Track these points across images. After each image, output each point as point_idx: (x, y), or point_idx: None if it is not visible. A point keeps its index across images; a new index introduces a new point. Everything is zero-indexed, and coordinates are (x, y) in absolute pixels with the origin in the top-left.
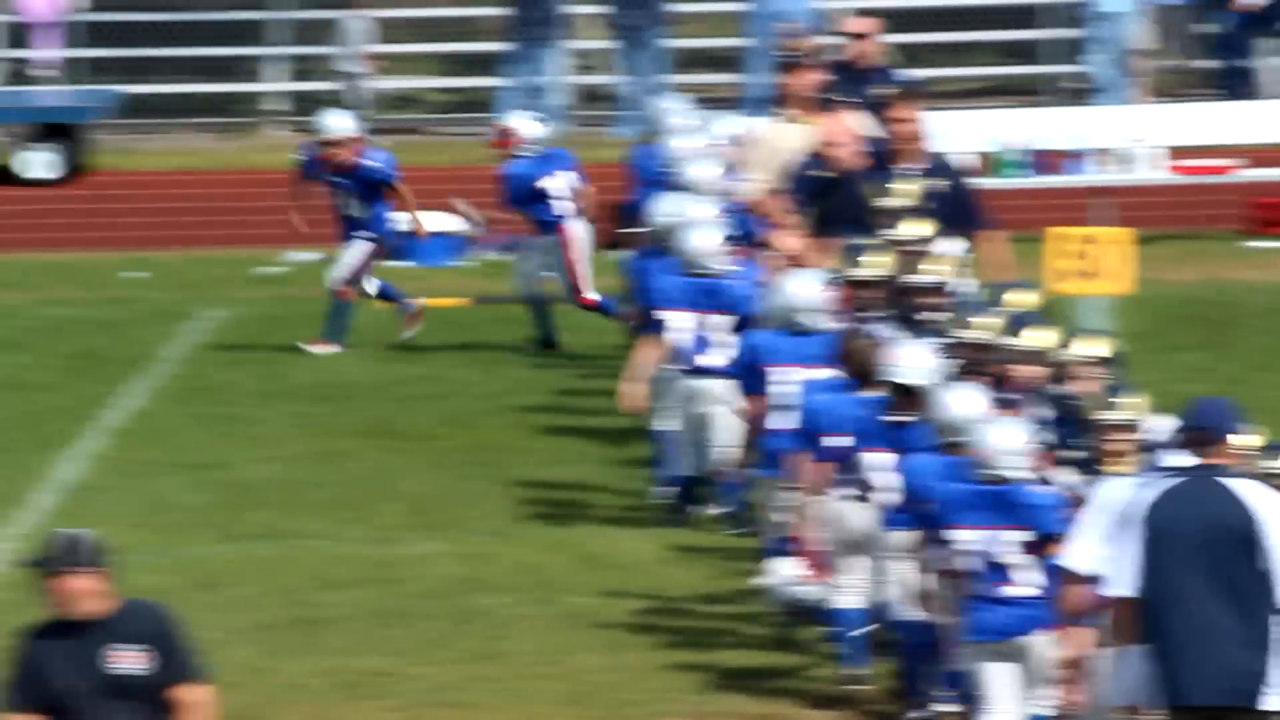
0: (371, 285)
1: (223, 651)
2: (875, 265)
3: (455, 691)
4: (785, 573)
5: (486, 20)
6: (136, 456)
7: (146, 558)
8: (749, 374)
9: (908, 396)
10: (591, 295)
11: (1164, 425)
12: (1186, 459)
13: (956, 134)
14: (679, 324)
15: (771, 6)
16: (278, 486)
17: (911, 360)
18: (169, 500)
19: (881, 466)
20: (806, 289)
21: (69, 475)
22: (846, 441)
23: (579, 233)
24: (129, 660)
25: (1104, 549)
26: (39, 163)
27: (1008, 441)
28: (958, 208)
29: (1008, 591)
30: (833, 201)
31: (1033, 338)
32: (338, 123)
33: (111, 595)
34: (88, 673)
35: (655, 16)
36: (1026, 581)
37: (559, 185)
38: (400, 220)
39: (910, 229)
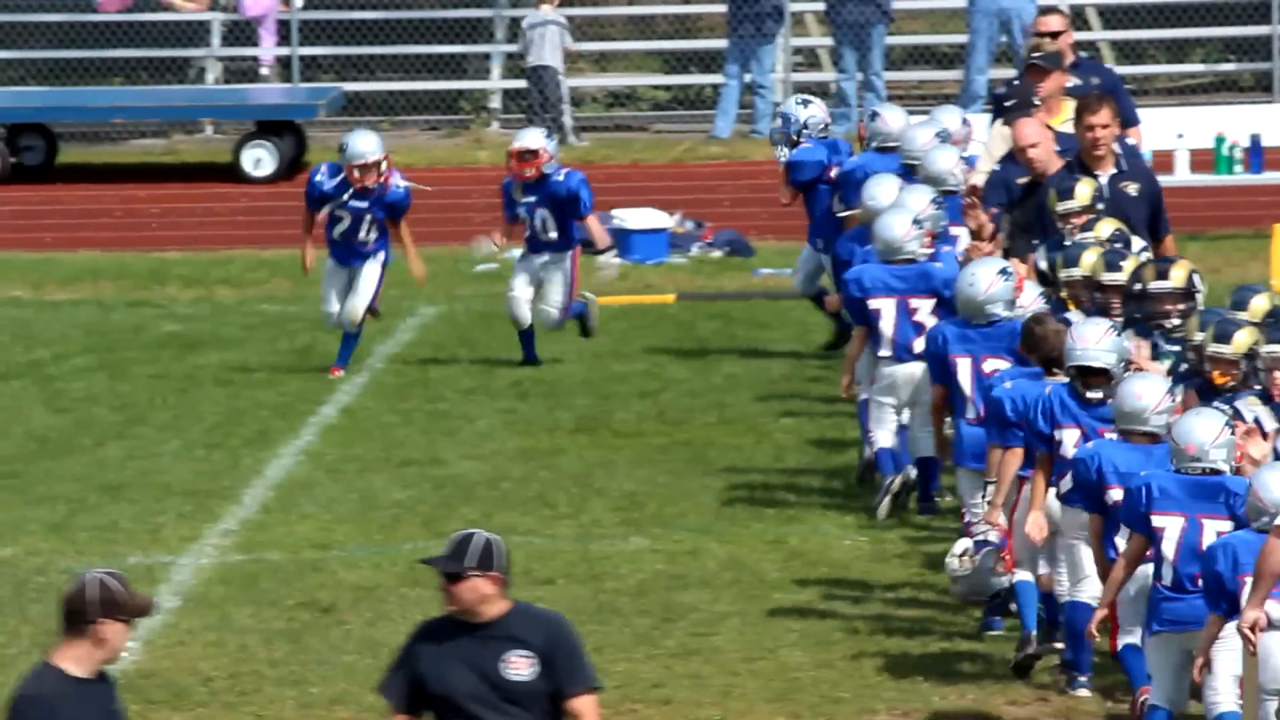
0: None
1: None
2: (1123, 270)
3: (660, 688)
4: (976, 559)
5: (707, 17)
6: (347, 453)
7: (356, 554)
8: (937, 364)
9: (1093, 379)
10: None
11: None
12: None
13: (1177, 130)
14: (882, 311)
15: (996, 3)
16: (487, 483)
17: (1096, 342)
18: (379, 497)
19: (1068, 451)
20: (992, 279)
21: (281, 471)
22: (1037, 429)
23: None
24: (523, 666)
25: None
26: (258, 160)
27: (1210, 432)
28: (1145, 211)
29: (1198, 582)
30: (1029, 205)
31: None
32: (365, 144)
33: (505, 599)
34: (482, 677)
35: (876, 13)
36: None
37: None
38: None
39: (1109, 230)
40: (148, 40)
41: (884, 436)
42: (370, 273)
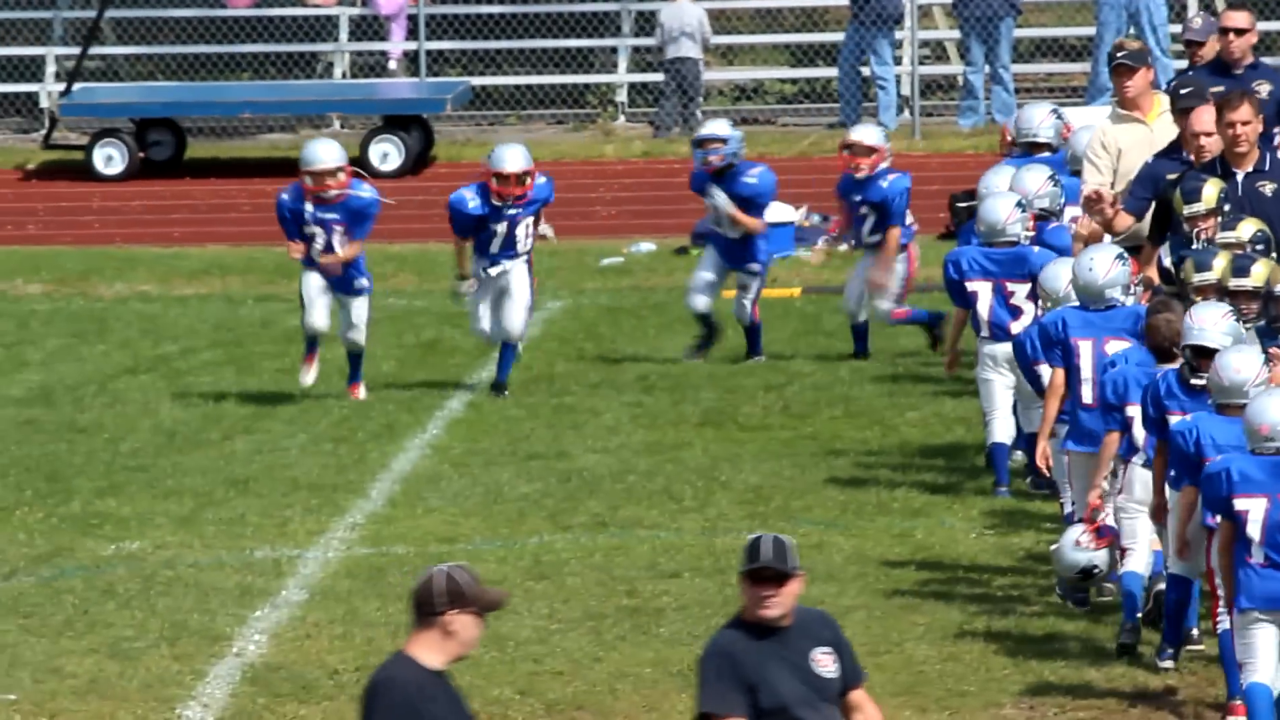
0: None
1: (555, 640)
2: (1251, 275)
3: None
4: (1081, 540)
5: (834, 10)
6: (473, 446)
7: (481, 547)
8: (1051, 348)
9: (1207, 361)
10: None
11: None
12: None
13: None
14: (979, 294)
15: None
16: (613, 476)
17: (1213, 324)
18: (505, 490)
19: (1174, 430)
20: (1110, 265)
21: (407, 465)
22: (1147, 411)
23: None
24: (829, 663)
25: None
26: (385, 154)
27: None
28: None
29: None
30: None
31: None
32: (321, 151)
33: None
34: (803, 679)
35: (1004, 5)
36: None
37: None
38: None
39: (1250, 231)
40: (276, 35)
41: (999, 424)
42: (359, 304)
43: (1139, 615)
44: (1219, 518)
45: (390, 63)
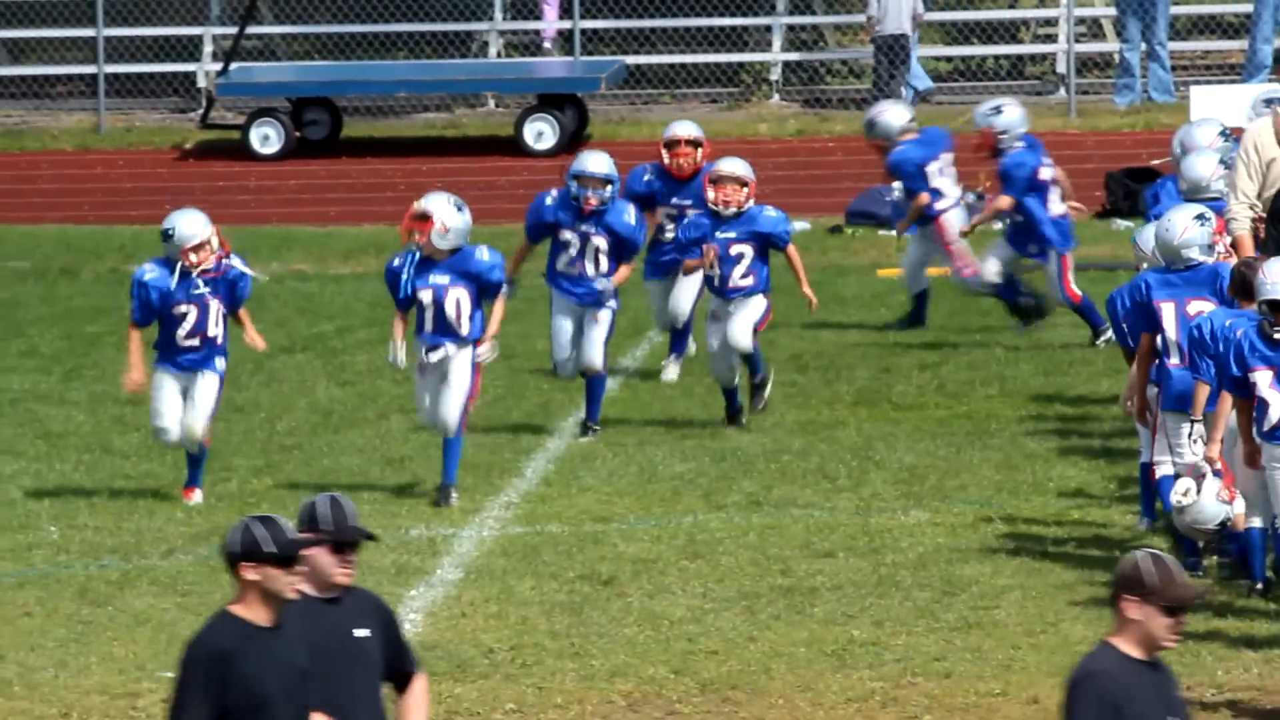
0: None
1: (709, 619)
2: None
3: (941, 661)
4: (1220, 494)
5: None
6: (628, 425)
7: (636, 526)
8: (1142, 312)
9: None
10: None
11: None
12: None
13: None
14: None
15: None
16: (767, 455)
17: None
18: (659, 469)
19: (1263, 392)
20: (1187, 224)
21: (561, 444)
22: (1229, 371)
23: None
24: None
25: None
26: (539, 133)
27: None
28: None
29: None
30: None
31: None
32: (193, 225)
33: None
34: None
35: None
36: None
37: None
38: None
39: None
40: (431, 14)
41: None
42: (208, 385)
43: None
44: None
45: (544, 41)
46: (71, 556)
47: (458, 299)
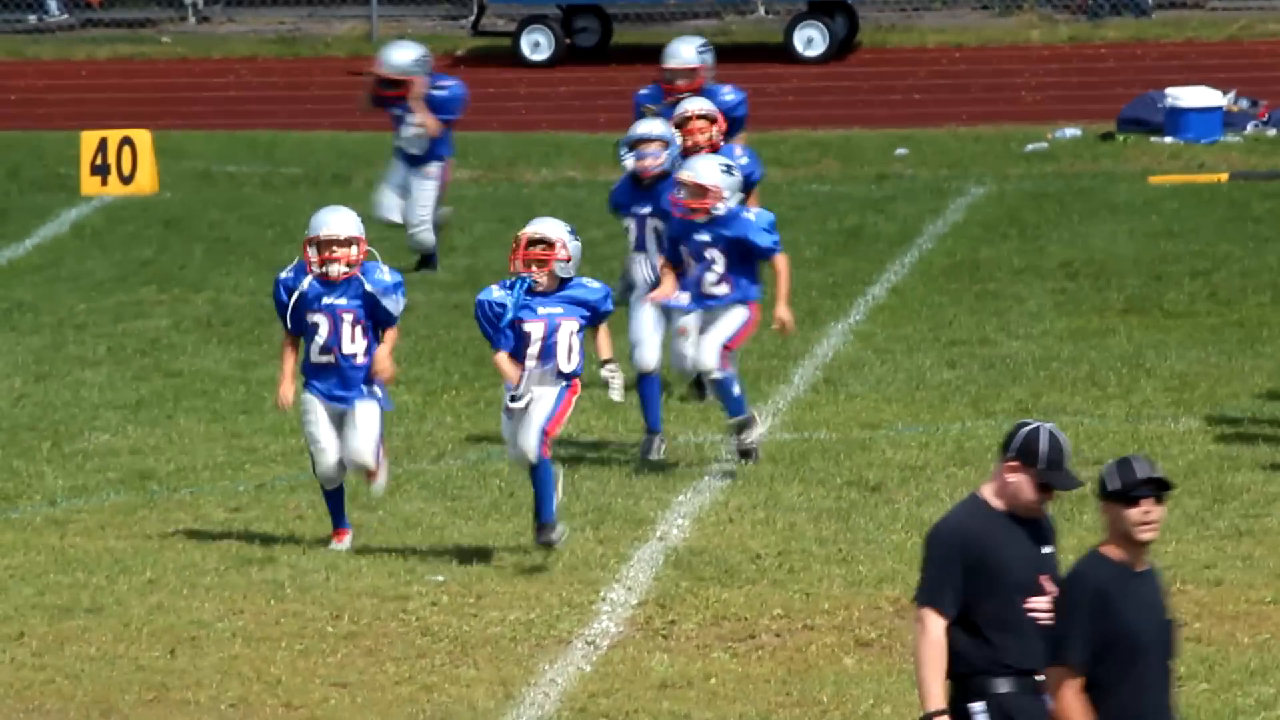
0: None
1: None
2: None
3: (1211, 569)
4: None
5: None
6: (896, 333)
7: (903, 433)
8: None
9: None
10: None
11: None
12: None
13: None
14: None
15: None
16: (1036, 363)
17: None
18: (927, 376)
19: None
20: None
21: (830, 351)
22: None
23: None
24: None
25: None
26: (809, 40)
27: None
28: None
29: None
30: None
31: None
32: (337, 220)
33: None
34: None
35: None
36: None
37: None
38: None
39: None
40: None
41: None
42: (366, 413)
43: None
44: None
45: None
46: None
47: (570, 331)
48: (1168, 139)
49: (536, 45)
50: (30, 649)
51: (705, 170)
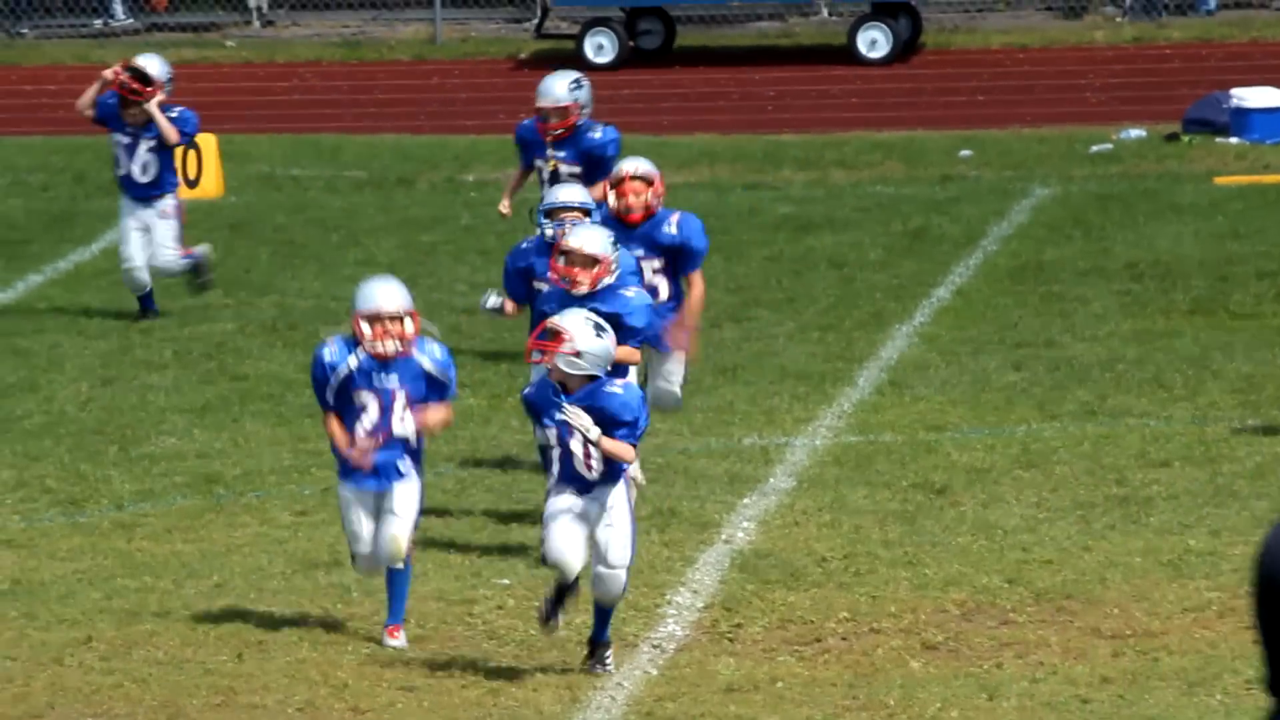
0: None
1: (1043, 529)
2: None
3: None
4: None
5: None
6: (961, 334)
7: (969, 435)
8: None
9: None
10: None
11: None
12: None
13: None
14: None
15: None
16: (1101, 365)
17: None
18: (992, 378)
19: None
20: None
21: (894, 353)
22: None
23: None
24: None
25: None
26: (873, 41)
27: None
28: None
29: None
30: None
31: None
32: (378, 294)
33: None
34: None
35: None
36: None
37: None
38: None
39: None
40: None
41: None
42: (406, 494)
43: None
44: None
45: None
46: None
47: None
48: (1233, 139)
49: (600, 48)
50: (98, 653)
51: (591, 240)
